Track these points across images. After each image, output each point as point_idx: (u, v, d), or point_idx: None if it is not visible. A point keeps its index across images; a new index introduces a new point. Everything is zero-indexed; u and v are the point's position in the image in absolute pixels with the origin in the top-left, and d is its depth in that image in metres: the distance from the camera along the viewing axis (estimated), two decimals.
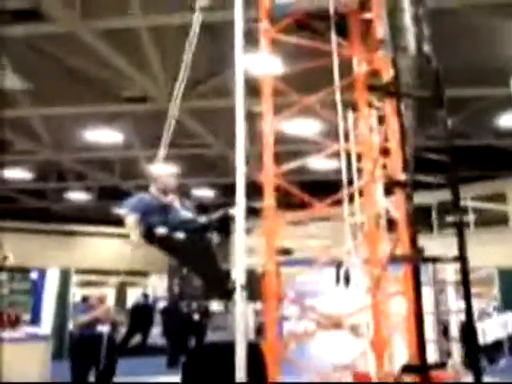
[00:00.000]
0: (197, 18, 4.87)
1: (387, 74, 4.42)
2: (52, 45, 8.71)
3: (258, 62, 5.35)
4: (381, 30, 4.57)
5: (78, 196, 19.60)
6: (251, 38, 5.15)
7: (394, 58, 3.99)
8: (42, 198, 19.31)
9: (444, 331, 8.38)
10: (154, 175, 5.06)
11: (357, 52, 5.32)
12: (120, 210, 4.58)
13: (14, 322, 11.68)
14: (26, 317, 13.40)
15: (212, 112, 11.01)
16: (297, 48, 5.50)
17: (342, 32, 5.27)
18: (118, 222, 4.72)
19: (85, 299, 13.08)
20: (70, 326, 12.84)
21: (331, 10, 5.07)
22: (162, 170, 5.32)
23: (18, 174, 16.31)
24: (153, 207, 4.53)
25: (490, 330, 11.84)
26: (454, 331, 8.49)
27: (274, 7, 5.19)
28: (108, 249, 22.50)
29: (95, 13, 7.68)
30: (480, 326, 11.63)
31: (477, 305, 13.82)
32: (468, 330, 4.27)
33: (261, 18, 5.27)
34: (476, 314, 12.17)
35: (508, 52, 8.90)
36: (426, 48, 4.22)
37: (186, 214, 4.65)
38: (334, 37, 5.07)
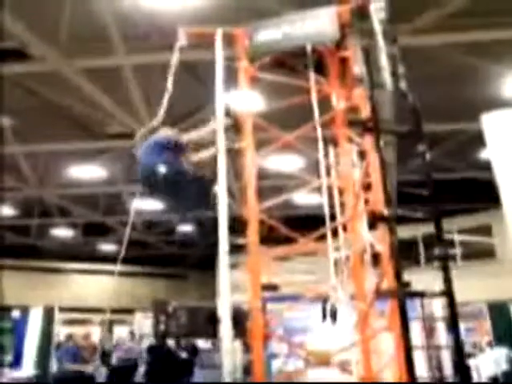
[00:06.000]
0: (175, 57, 4.94)
1: (365, 111, 4.47)
2: (37, 83, 8.77)
3: (239, 99, 5.40)
4: (357, 68, 4.65)
5: (62, 232, 19.36)
6: (232, 76, 5.21)
7: (371, 94, 4.06)
8: (25, 235, 19.02)
9: (438, 367, 8.20)
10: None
11: (335, 89, 5.40)
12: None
13: None
14: (8, 358, 12.99)
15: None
16: (278, 85, 5.57)
17: (320, 69, 5.36)
18: (103, 258, 4.60)
19: (70, 337, 12.75)
20: (54, 366, 12.44)
21: (308, 49, 5.18)
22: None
23: (1, 210, 16.11)
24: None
25: (484, 367, 11.57)
26: (448, 367, 8.29)
27: (253, 46, 5.26)
28: (93, 286, 22.07)
29: (79, 52, 7.76)
30: (474, 363, 11.39)
31: (469, 339, 13.61)
32: (460, 367, 4.19)
33: (240, 57, 5.34)
34: (468, 349, 11.93)
35: (483, 88, 9.12)
36: (402, 85, 4.29)
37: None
38: (312, 75, 5.15)
